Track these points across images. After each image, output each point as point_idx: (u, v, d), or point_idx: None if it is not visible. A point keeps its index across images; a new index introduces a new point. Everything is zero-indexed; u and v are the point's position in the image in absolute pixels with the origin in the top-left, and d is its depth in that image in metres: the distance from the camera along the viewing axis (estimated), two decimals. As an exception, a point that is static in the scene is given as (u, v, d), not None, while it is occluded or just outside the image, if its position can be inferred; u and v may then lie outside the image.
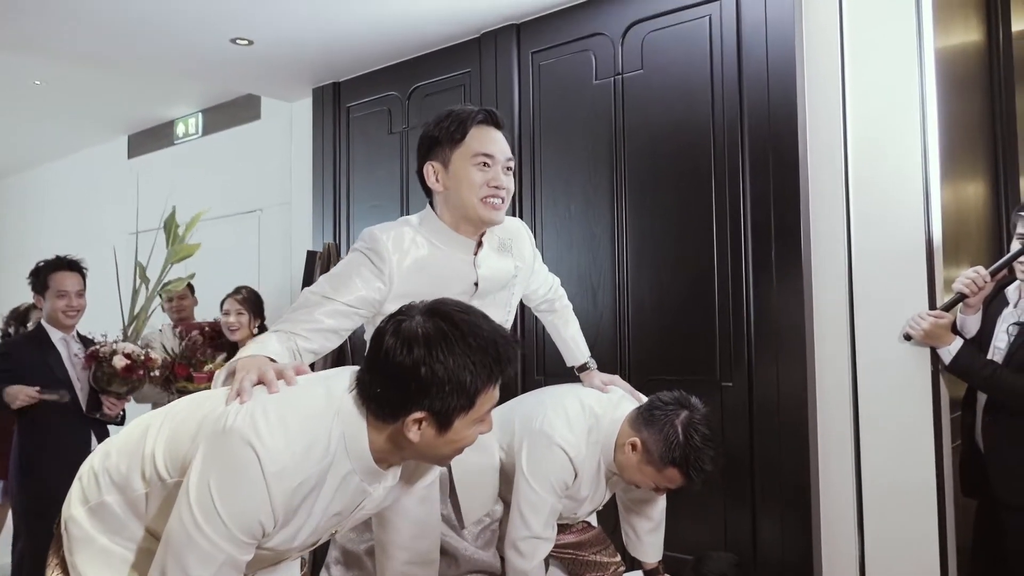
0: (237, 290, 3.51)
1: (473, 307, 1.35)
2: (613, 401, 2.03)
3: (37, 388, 2.90)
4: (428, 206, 1.84)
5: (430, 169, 1.77)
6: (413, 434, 1.26)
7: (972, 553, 2.55)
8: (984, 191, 3.15)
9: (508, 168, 1.78)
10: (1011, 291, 2.43)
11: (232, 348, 3.41)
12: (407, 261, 1.73)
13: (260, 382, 1.32)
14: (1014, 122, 3.14)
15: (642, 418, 1.91)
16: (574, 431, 1.91)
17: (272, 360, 1.46)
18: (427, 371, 1.22)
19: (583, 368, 2.19)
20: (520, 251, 1.94)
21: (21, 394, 2.86)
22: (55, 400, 2.93)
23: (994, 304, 2.45)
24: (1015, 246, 2.36)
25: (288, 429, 1.24)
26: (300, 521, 1.28)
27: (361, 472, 1.31)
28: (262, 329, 3.45)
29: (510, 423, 1.99)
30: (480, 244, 1.83)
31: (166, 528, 1.24)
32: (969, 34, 3.07)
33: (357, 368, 1.36)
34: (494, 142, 1.76)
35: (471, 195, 1.73)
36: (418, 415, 1.24)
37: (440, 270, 1.77)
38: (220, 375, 1.50)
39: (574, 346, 2.21)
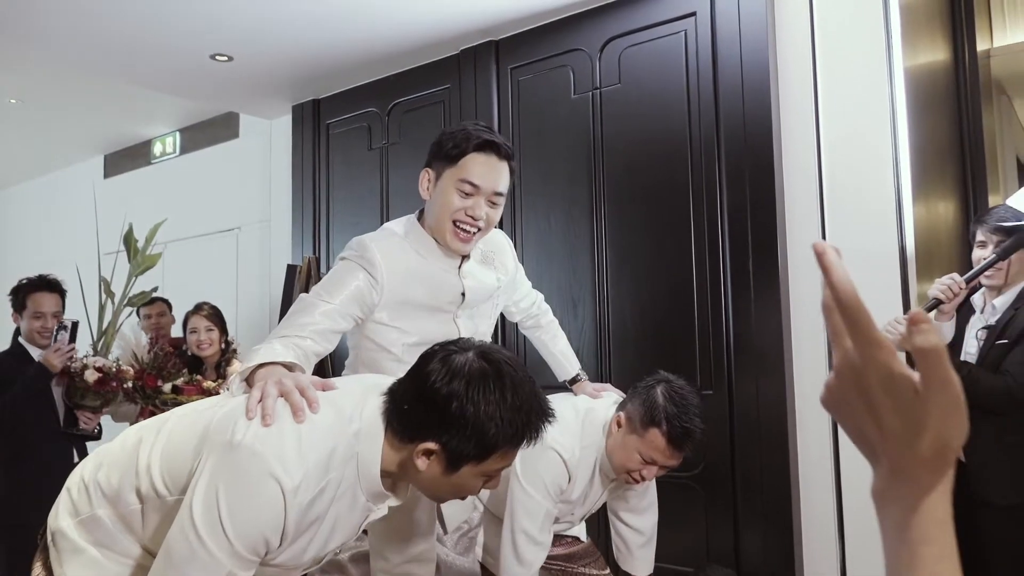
0: (199, 307, 3.40)
1: (523, 366, 1.33)
2: (606, 404, 2.03)
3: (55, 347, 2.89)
4: (415, 215, 1.85)
5: (425, 175, 1.79)
6: (420, 462, 1.25)
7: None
8: (954, 208, 3.21)
9: (493, 202, 1.76)
10: (976, 299, 2.49)
11: (197, 365, 3.34)
12: (397, 270, 1.74)
13: (281, 395, 1.28)
14: (981, 140, 3.21)
15: (626, 398, 1.94)
16: (566, 434, 1.89)
17: (288, 367, 1.43)
18: (457, 407, 1.21)
19: (574, 380, 2.19)
20: (503, 263, 1.96)
21: (51, 353, 2.85)
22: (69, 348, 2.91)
23: (961, 312, 2.50)
24: (976, 254, 2.42)
25: (301, 440, 1.21)
26: (309, 536, 1.25)
27: (367, 493, 1.29)
28: (228, 345, 3.39)
29: None
30: (466, 256, 1.84)
31: (166, 538, 1.20)
32: (936, 53, 3.15)
33: (388, 383, 1.33)
34: (484, 173, 1.73)
35: (444, 215, 1.74)
36: (431, 446, 1.23)
37: (429, 280, 1.78)
38: (235, 381, 1.47)
39: (564, 360, 2.20)
